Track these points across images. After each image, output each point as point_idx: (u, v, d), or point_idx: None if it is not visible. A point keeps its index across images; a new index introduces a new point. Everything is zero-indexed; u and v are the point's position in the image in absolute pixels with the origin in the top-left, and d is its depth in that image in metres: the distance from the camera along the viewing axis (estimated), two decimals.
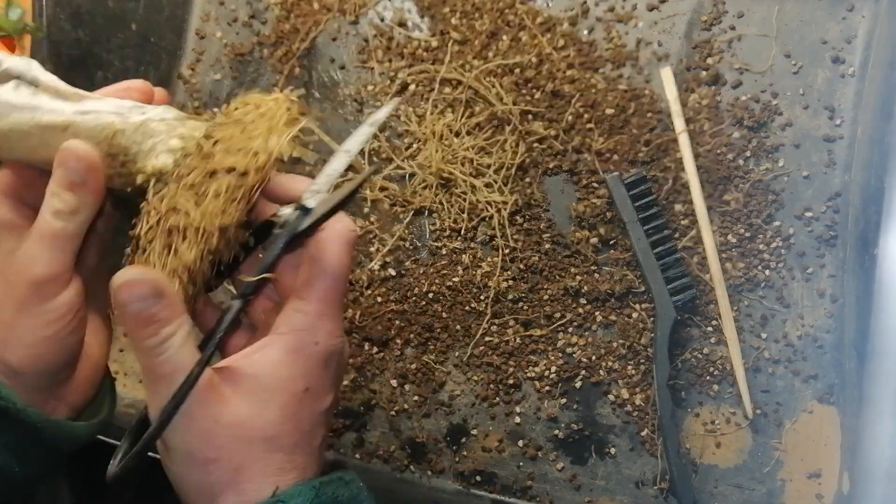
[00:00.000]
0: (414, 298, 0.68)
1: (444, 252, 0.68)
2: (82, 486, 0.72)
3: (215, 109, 0.43)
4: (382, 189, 0.69)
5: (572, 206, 0.67)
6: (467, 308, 0.67)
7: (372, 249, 0.69)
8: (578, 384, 0.66)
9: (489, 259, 0.67)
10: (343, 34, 0.71)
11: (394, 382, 0.68)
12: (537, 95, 0.68)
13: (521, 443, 0.66)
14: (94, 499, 0.72)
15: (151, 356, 0.36)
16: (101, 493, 0.73)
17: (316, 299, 0.39)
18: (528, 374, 0.67)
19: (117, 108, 0.41)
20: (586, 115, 0.67)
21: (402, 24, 0.71)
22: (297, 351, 0.38)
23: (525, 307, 0.67)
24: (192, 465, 0.37)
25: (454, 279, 0.68)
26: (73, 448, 0.44)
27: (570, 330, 0.67)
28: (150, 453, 0.38)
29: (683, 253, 0.66)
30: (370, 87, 0.70)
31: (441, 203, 0.68)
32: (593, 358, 0.66)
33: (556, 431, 0.66)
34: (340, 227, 0.40)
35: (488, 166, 0.67)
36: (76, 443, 0.43)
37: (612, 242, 0.67)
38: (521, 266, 0.67)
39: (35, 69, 0.41)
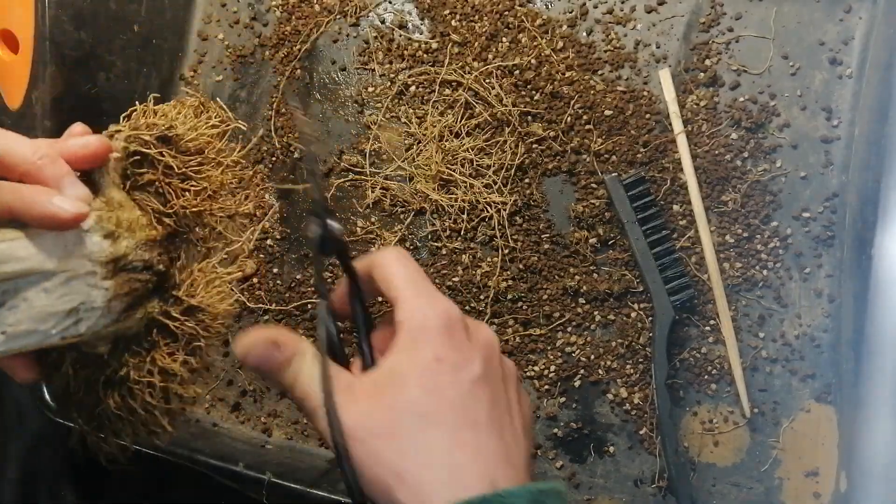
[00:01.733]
0: None
1: (444, 252, 0.69)
2: (85, 485, 0.73)
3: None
4: (384, 189, 0.70)
5: (571, 207, 0.67)
6: (467, 308, 0.68)
7: (373, 249, 0.69)
8: (577, 383, 0.67)
9: (489, 259, 0.68)
10: (344, 36, 0.72)
11: None
12: (536, 97, 0.68)
13: None
14: (96, 497, 0.73)
15: (291, 390, 0.39)
16: (103, 492, 0.73)
17: (397, 291, 0.40)
18: (528, 373, 0.67)
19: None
20: (585, 117, 0.68)
21: (402, 27, 0.71)
22: (410, 330, 0.38)
23: (524, 307, 0.67)
24: (367, 470, 0.36)
25: (454, 279, 0.68)
26: None
27: (569, 329, 0.67)
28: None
29: (681, 253, 0.66)
30: (371, 89, 0.71)
31: (441, 204, 0.68)
32: (592, 357, 0.66)
33: (556, 430, 0.66)
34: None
35: (488, 167, 0.68)
36: None
37: (610, 242, 0.67)
38: (521, 266, 0.67)
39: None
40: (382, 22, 0.72)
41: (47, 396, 0.68)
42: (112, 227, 0.37)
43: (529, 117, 0.68)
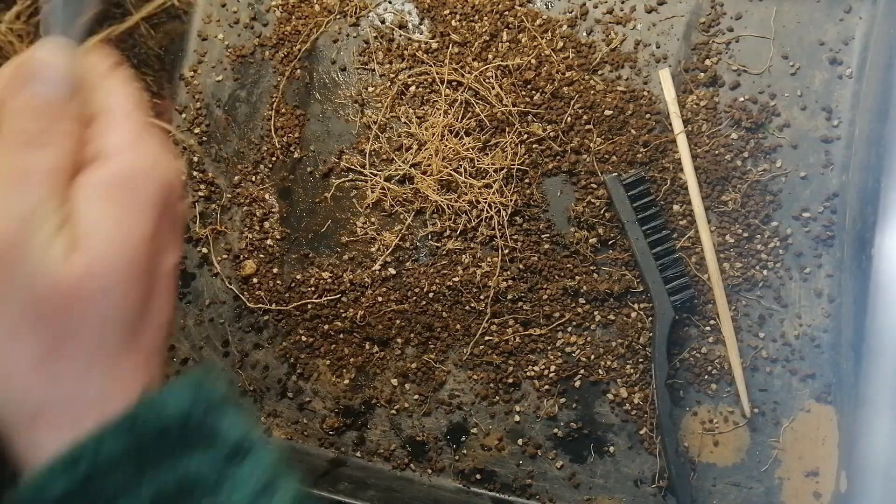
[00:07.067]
0: (414, 298, 0.68)
1: (444, 252, 0.69)
2: None
3: None
4: (383, 190, 0.70)
5: (571, 207, 0.67)
6: (467, 308, 0.68)
7: (373, 249, 0.70)
8: (577, 383, 0.67)
9: (489, 259, 0.68)
10: (344, 36, 0.72)
11: (394, 381, 0.69)
12: (536, 97, 0.68)
13: (520, 441, 0.67)
14: None
15: None
16: None
17: (120, 112, 0.31)
18: (528, 374, 0.67)
19: None
20: (585, 117, 0.68)
21: (402, 27, 0.71)
22: (121, 183, 0.31)
23: (524, 307, 0.67)
24: None
25: (454, 279, 0.68)
26: None
27: (570, 329, 0.67)
28: None
29: (682, 253, 0.66)
30: (371, 89, 0.71)
31: (441, 204, 0.68)
32: (592, 357, 0.66)
33: (556, 430, 0.66)
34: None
35: (488, 167, 0.68)
36: None
37: (610, 242, 0.67)
38: (521, 266, 0.67)
39: None
40: (382, 22, 0.72)
41: None
42: None
43: (529, 117, 0.68)
